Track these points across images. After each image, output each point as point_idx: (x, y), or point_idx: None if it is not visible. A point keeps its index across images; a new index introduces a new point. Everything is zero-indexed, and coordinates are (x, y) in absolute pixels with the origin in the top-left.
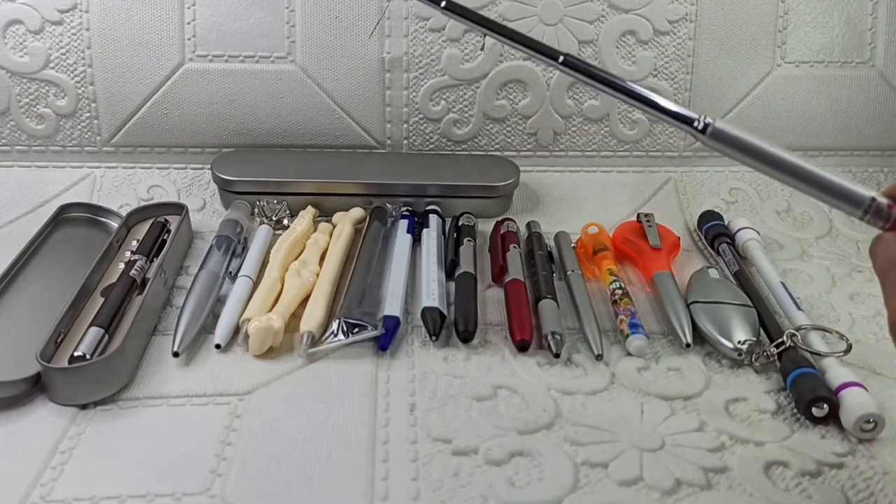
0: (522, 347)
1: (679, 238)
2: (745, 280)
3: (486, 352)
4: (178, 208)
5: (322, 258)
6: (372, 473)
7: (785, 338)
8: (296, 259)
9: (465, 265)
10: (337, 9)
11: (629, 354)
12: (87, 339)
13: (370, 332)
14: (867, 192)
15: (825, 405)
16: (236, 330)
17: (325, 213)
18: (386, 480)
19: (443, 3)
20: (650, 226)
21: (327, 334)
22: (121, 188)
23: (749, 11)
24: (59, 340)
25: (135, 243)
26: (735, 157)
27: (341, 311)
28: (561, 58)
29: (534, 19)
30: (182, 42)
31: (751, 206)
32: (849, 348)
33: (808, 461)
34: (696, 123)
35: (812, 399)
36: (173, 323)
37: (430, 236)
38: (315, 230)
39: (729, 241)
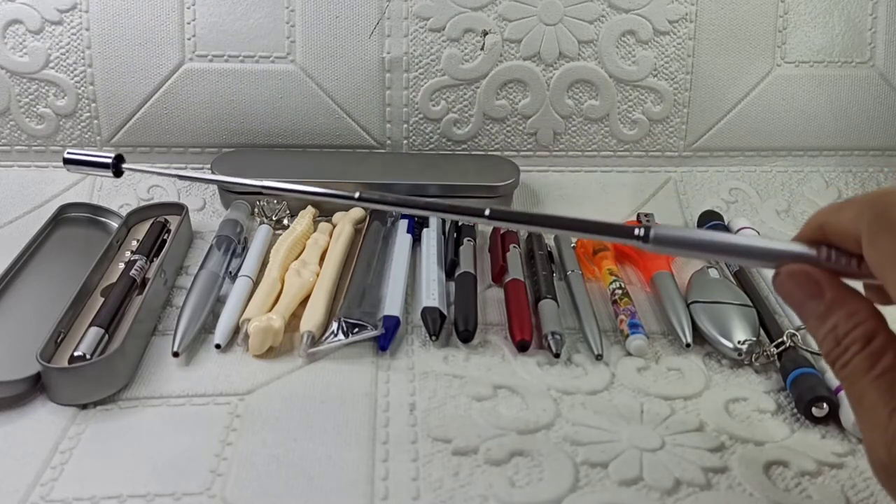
0: (522, 347)
1: None
2: (745, 280)
3: (486, 352)
4: (178, 208)
5: (322, 258)
6: (372, 473)
7: (785, 338)
8: (296, 259)
9: (465, 265)
10: (337, 9)
11: (629, 354)
12: (87, 339)
13: (370, 332)
14: (807, 248)
15: (825, 405)
16: (236, 330)
17: (325, 213)
18: (386, 480)
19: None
20: None
21: (327, 334)
22: (121, 188)
23: (749, 11)
24: (59, 340)
25: (135, 243)
26: (682, 254)
27: (341, 311)
28: (487, 211)
29: (534, 19)
30: (182, 42)
31: (751, 206)
32: None
33: (808, 461)
34: (636, 232)
35: (812, 399)
36: (173, 323)
37: (430, 236)
38: (315, 230)
39: None
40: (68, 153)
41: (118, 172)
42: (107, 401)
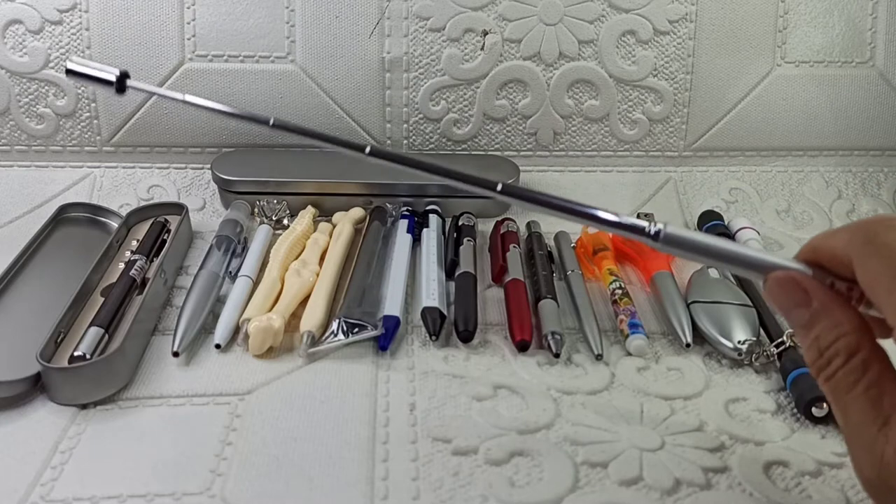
0: (522, 347)
1: None
2: (745, 280)
3: (486, 352)
4: (178, 208)
5: (322, 258)
6: (372, 473)
7: (785, 337)
8: (296, 259)
9: (465, 265)
10: (337, 9)
11: (629, 354)
12: (87, 338)
13: (370, 332)
14: (804, 267)
15: (825, 405)
16: (236, 330)
17: (325, 213)
18: (386, 480)
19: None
20: None
21: (327, 334)
22: (121, 188)
23: (749, 11)
24: (59, 340)
25: (135, 243)
26: (688, 257)
27: (341, 310)
28: (499, 186)
29: (534, 19)
30: (182, 42)
31: (751, 206)
32: None
33: (808, 461)
34: (647, 230)
35: (812, 399)
36: (173, 323)
37: (430, 236)
38: (315, 230)
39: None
40: (70, 62)
41: (122, 89)
42: (107, 401)
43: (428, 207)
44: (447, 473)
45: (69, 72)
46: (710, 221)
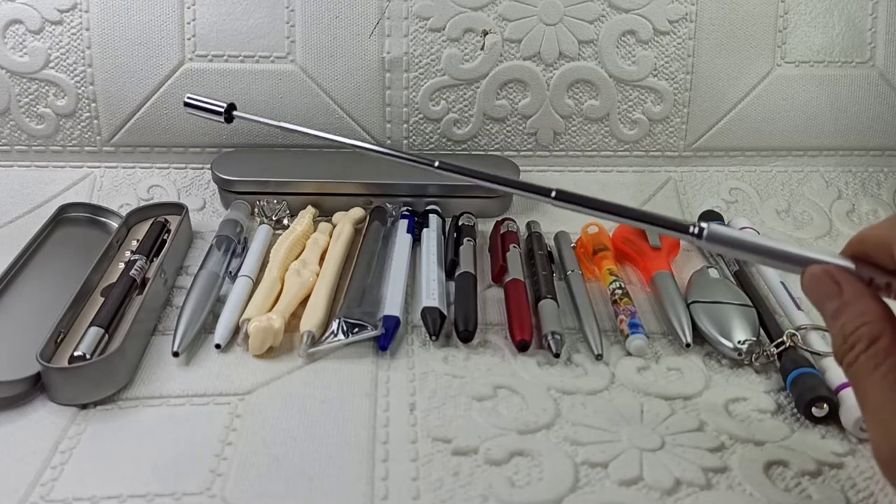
0: (522, 347)
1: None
2: (745, 280)
3: (486, 352)
4: (178, 208)
5: (322, 258)
6: (372, 473)
7: (785, 338)
8: (296, 259)
9: (465, 265)
10: (337, 9)
11: (629, 354)
12: (87, 338)
13: (370, 332)
14: (846, 262)
15: (825, 405)
16: (236, 330)
17: (325, 213)
18: (386, 480)
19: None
20: None
21: (327, 334)
22: (121, 188)
23: (749, 11)
24: (59, 340)
25: (135, 243)
26: (733, 254)
27: (341, 310)
28: (553, 192)
29: (534, 19)
30: (182, 42)
31: (751, 206)
32: None
33: (808, 461)
34: (691, 230)
35: (812, 399)
36: (173, 323)
37: (430, 236)
38: (315, 230)
39: None
40: (188, 97)
41: (229, 119)
42: (107, 401)
43: (428, 207)
44: (447, 473)
45: (186, 104)
46: (710, 221)
